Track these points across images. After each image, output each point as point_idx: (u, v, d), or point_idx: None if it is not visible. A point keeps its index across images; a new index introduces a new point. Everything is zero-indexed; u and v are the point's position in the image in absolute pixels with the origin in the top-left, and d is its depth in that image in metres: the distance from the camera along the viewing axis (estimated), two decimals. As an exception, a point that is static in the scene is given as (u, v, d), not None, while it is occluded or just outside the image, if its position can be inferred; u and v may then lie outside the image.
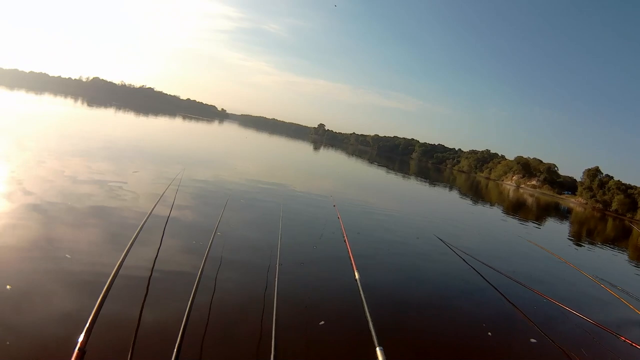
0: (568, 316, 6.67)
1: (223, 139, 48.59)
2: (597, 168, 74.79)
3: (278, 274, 4.87)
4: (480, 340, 5.44)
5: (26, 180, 8.66)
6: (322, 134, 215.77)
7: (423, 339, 5.16)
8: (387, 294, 6.43)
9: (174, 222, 7.52)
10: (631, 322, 7.32)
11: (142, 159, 15.51)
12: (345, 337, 4.70)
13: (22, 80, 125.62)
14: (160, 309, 4.44)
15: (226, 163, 20.54)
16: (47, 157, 11.79)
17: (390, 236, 10.93)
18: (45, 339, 3.58)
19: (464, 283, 8.03)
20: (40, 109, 35.97)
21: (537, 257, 12.30)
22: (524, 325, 6.25)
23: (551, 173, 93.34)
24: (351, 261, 4.82)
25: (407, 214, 16.07)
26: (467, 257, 9.54)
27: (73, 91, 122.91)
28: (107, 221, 7.03)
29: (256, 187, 14.08)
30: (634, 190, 66.52)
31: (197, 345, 3.89)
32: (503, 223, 21.75)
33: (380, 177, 35.46)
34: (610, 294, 8.32)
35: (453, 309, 6.50)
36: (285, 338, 4.17)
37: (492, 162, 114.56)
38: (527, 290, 7.66)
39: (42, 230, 6.01)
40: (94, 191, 8.84)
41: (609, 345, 5.95)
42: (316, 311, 5.18)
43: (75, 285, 4.59)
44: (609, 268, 14.58)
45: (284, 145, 62.20)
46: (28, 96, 56.05)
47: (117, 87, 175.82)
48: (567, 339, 6.02)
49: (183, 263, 5.85)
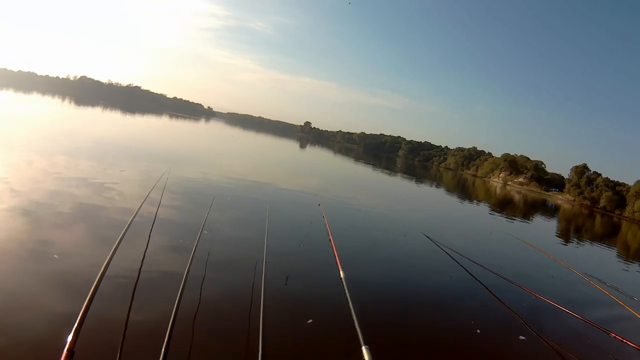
0: (557, 313, 6.64)
1: (209, 137, 48.27)
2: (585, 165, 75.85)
3: (265, 272, 4.84)
4: (469, 337, 5.37)
5: (13, 180, 8.50)
6: (309, 132, 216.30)
7: (410, 337, 5.10)
8: (373, 292, 6.36)
9: (161, 221, 7.41)
10: (620, 318, 7.35)
11: (129, 158, 15.29)
12: (332, 335, 4.63)
13: (10, 80, 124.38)
14: (148, 308, 4.39)
15: (213, 162, 20.39)
16: (34, 157, 11.56)
17: (377, 234, 10.91)
18: (34, 340, 3.51)
19: (451, 281, 7.98)
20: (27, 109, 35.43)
21: (525, 254, 12.34)
22: (513, 323, 6.22)
23: (538, 170, 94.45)
24: (336, 260, 4.78)
25: (394, 212, 16.09)
26: (455, 255, 9.52)
27: (60, 90, 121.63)
28: (94, 221, 6.94)
29: (242, 186, 13.98)
30: (622, 187, 67.58)
31: (185, 344, 3.83)
32: (490, 220, 21.91)
33: (366, 175, 35.51)
34: (599, 290, 8.38)
35: (440, 306, 6.45)
36: (273, 336, 4.13)
37: (479, 159, 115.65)
38: (515, 287, 7.65)
39: (30, 231, 5.90)
40: (81, 191, 8.71)
41: (599, 342, 5.93)
42: (303, 309, 5.11)
43: (64, 285, 4.51)
44: (597, 265, 14.74)
45: (270, 143, 62.07)
46: (16, 95, 55.26)
47: (104, 86, 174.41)
48: (556, 335, 5.99)
49: (170, 262, 5.79)
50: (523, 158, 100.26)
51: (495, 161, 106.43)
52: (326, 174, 28.94)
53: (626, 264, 16.46)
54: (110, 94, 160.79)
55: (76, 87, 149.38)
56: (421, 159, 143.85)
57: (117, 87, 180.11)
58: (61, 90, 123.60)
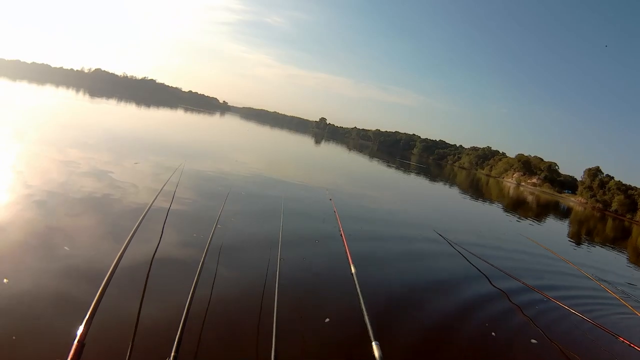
0: (568, 316, 6.64)
1: (224, 131, 48.43)
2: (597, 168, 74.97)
3: (279, 268, 4.86)
4: (484, 339, 5.39)
5: (26, 171, 8.62)
6: (324, 128, 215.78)
7: (420, 335, 5.12)
8: (384, 288, 6.40)
9: (175, 214, 7.46)
10: (630, 322, 7.30)
11: (143, 150, 15.47)
12: (342, 331, 4.67)
13: (24, 71, 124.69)
14: (161, 302, 4.41)
15: (227, 156, 20.46)
16: (47, 148, 11.73)
17: (389, 230, 10.93)
18: (45, 331, 3.55)
19: (463, 279, 7.96)
20: (42, 100, 35.87)
21: (537, 255, 12.25)
22: (525, 325, 6.20)
23: (552, 171, 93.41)
24: (347, 255, 4.81)
25: (406, 209, 16.09)
26: (467, 254, 9.52)
27: (75, 82, 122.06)
28: (107, 213, 6.97)
29: (257, 181, 14.05)
30: (634, 191, 66.71)
31: (197, 338, 3.85)
32: (503, 220, 21.75)
33: (379, 172, 35.39)
34: (609, 294, 8.33)
35: (451, 305, 6.44)
36: (285, 331, 4.13)
37: (493, 159, 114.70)
38: (527, 289, 7.65)
39: (41, 222, 5.93)
40: (94, 183, 8.78)
41: (607, 346, 5.94)
42: (316, 306, 5.15)
43: (74, 277, 4.52)
44: (608, 268, 14.57)
45: (285, 138, 62.08)
46: (30, 87, 55.80)
47: (119, 78, 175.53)
48: (566, 339, 5.99)
49: (183, 256, 5.81)
50: (537, 159, 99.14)
51: (509, 161, 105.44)
52: (340, 170, 28.91)
53: (636, 268, 16.24)
54: (125, 86, 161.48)
55: (91, 80, 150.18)
56: (435, 157, 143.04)
57: (132, 80, 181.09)
58: (75, 82, 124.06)
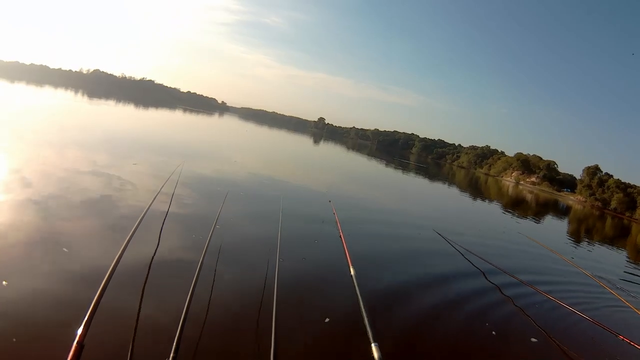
0: (568, 315, 6.62)
1: (223, 132, 48.43)
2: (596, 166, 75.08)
3: (278, 268, 4.84)
4: (484, 339, 5.38)
5: (25, 172, 8.57)
6: (322, 128, 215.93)
7: (420, 336, 5.11)
8: (383, 289, 6.36)
9: (173, 215, 7.46)
10: (630, 321, 7.29)
11: (142, 151, 15.43)
12: (341, 332, 4.65)
13: (22, 73, 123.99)
14: (160, 303, 4.40)
15: (226, 156, 20.46)
16: (46, 149, 11.72)
17: (388, 230, 10.90)
18: (43, 332, 3.53)
19: (463, 279, 7.94)
20: (40, 101, 35.83)
21: (537, 254, 12.24)
22: (525, 324, 6.19)
23: (551, 170, 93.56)
24: (347, 257, 4.80)
25: (405, 209, 16.07)
26: (467, 253, 9.50)
27: (73, 83, 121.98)
28: (105, 214, 6.95)
29: (256, 181, 14.05)
30: (633, 189, 66.88)
31: (196, 339, 3.85)
32: (502, 219, 21.75)
33: (378, 172, 35.44)
34: (609, 292, 8.31)
35: (452, 305, 6.42)
36: (285, 332, 4.13)
37: (492, 158, 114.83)
38: (527, 288, 7.63)
39: (40, 224, 5.89)
40: (93, 184, 8.76)
41: (608, 345, 5.91)
42: (315, 307, 5.14)
43: (73, 279, 4.50)
44: (608, 266, 14.56)
45: (283, 138, 62.10)
46: (28, 88, 55.74)
47: (118, 79, 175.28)
48: (566, 338, 5.97)
49: (182, 256, 5.80)
50: (536, 157, 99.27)
51: (508, 160, 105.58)
52: (339, 170, 28.92)
53: (635, 266, 16.26)
54: (123, 87, 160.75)
55: (89, 81, 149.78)
56: (434, 156, 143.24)
57: (130, 80, 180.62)
58: (74, 83, 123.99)
